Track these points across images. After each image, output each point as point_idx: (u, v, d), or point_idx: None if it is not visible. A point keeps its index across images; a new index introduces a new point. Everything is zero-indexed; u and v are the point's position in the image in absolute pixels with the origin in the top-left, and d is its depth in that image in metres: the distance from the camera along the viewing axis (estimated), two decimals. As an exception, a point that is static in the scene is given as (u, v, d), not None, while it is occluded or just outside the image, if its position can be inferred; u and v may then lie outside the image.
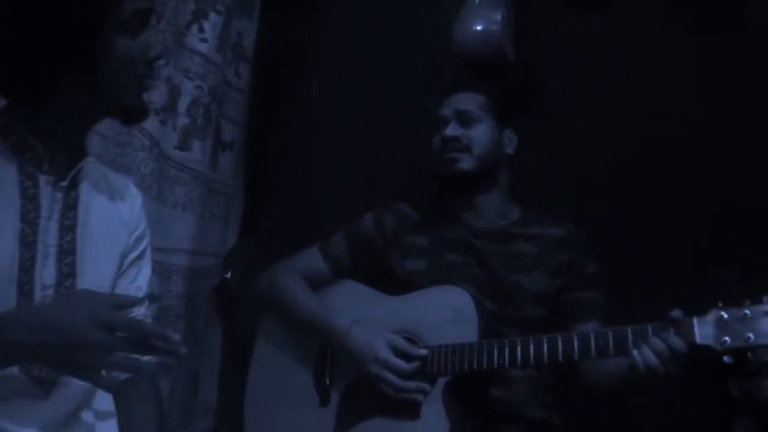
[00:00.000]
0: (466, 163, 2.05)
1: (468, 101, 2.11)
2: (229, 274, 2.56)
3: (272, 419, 2.06)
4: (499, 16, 2.35)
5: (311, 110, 2.76)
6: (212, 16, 2.29)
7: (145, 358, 1.23)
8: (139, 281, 1.50)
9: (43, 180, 1.31)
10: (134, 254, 1.50)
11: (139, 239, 1.51)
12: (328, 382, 2.01)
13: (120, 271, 1.46)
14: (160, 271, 2.13)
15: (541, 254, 2.01)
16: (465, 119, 2.09)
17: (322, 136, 2.73)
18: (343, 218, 2.22)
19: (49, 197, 1.32)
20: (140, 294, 1.50)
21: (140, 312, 1.50)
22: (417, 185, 2.30)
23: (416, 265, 2.07)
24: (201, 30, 2.26)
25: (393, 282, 2.07)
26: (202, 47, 2.26)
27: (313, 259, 2.16)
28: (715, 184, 2.28)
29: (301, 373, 2.05)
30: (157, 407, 1.49)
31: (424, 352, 1.86)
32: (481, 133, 2.08)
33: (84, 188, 1.39)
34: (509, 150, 2.14)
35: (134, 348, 1.13)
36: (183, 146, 2.24)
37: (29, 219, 1.28)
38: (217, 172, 2.47)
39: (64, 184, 1.34)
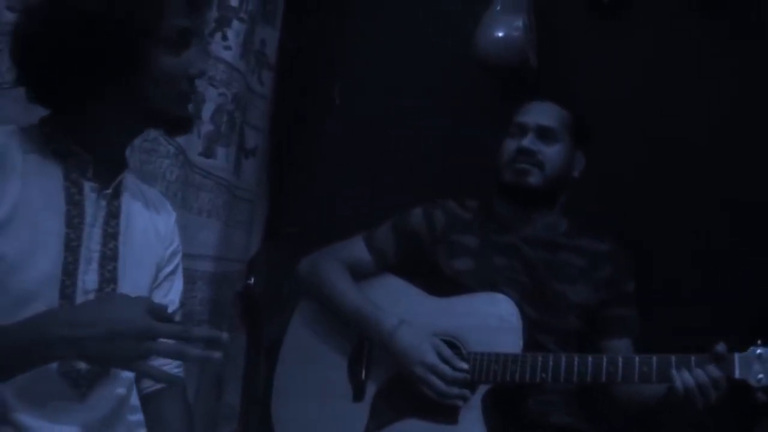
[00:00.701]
0: (534, 178, 2.02)
1: (552, 117, 2.07)
2: (252, 280, 2.57)
3: (301, 409, 2.04)
4: (520, 23, 2.35)
5: (334, 117, 2.77)
6: (235, 24, 2.30)
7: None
8: (171, 296, 1.52)
9: (88, 187, 1.34)
10: (169, 269, 1.52)
11: (174, 254, 1.54)
12: (363, 376, 2.00)
13: (155, 284, 1.49)
14: (185, 276, 2.12)
15: (587, 267, 2.02)
16: (545, 135, 2.05)
17: (344, 143, 2.73)
18: (366, 224, 2.23)
19: (93, 204, 1.34)
20: (173, 308, 1.52)
21: None
22: (441, 190, 2.29)
23: (463, 265, 2.06)
24: (224, 38, 2.28)
25: (433, 280, 2.06)
26: (226, 55, 2.28)
27: (357, 249, 2.13)
28: (740, 189, 2.26)
29: (336, 365, 2.04)
30: (186, 417, 1.52)
31: (465, 366, 1.85)
32: (557, 153, 2.04)
33: (126, 198, 1.42)
34: (576, 173, 2.11)
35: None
36: (207, 153, 2.26)
37: (74, 224, 1.31)
38: (241, 178, 2.49)
39: (108, 191, 1.37)
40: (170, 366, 1.50)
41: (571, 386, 1.97)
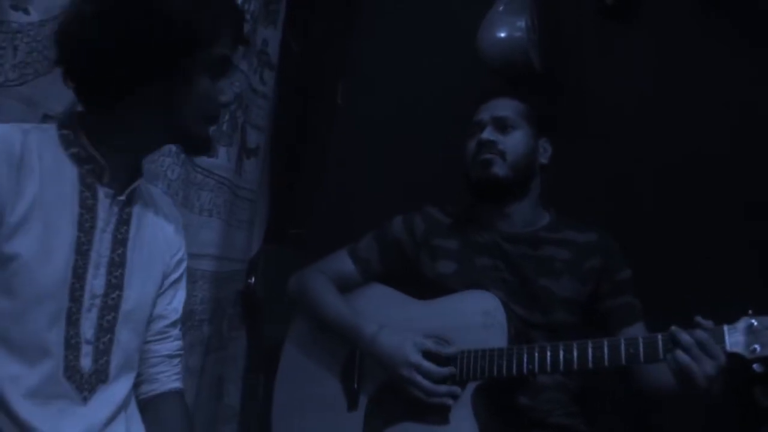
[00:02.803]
0: (499, 168, 2.03)
1: (506, 107, 2.11)
2: (253, 280, 2.57)
3: (300, 423, 2.07)
4: (522, 23, 2.35)
5: (336, 117, 2.78)
6: (238, 23, 2.30)
7: None
8: (175, 303, 1.54)
9: (102, 192, 1.35)
10: (174, 276, 1.53)
11: (180, 262, 1.55)
12: (356, 386, 2.01)
13: (160, 291, 1.50)
14: (187, 276, 2.14)
15: (572, 260, 2.01)
16: (502, 125, 2.08)
17: (347, 143, 2.74)
18: (369, 224, 2.23)
19: (106, 210, 1.36)
20: (176, 316, 1.54)
21: (174, 332, 1.54)
22: (443, 191, 2.29)
23: (446, 268, 2.06)
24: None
25: (421, 286, 2.07)
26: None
27: (342, 261, 2.16)
28: (745, 189, 2.26)
29: (329, 377, 2.06)
30: (185, 421, 1.52)
31: (453, 350, 1.86)
32: (516, 141, 2.06)
33: (137, 206, 1.44)
34: (543, 159, 2.13)
35: None
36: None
37: (86, 228, 1.32)
38: (243, 178, 2.49)
39: (122, 198, 1.38)
40: (169, 375, 1.52)
41: (568, 383, 1.97)
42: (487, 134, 2.06)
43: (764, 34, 2.32)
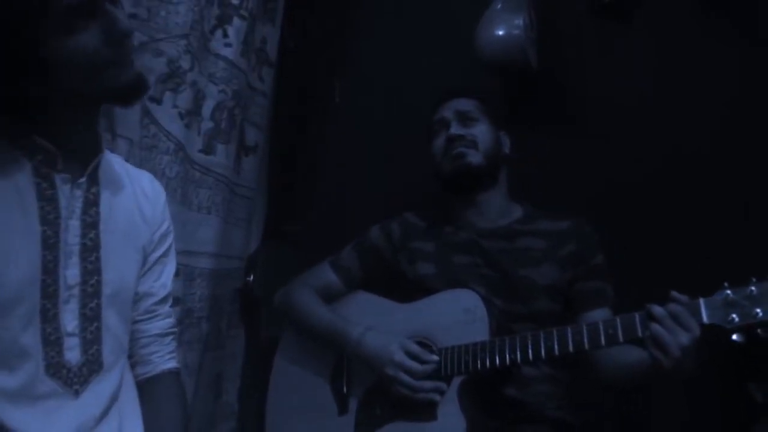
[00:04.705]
0: (474, 158, 2.08)
1: (465, 104, 2.17)
2: (251, 278, 2.58)
3: (293, 428, 2.10)
4: (520, 21, 2.35)
5: (334, 115, 2.78)
6: (236, 21, 2.30)
7: None
8: (164, 279, 1.51)
9: (59, 179, 1.30)
10: (159, 252, 1.50)
11: (164, 236, 1.52)
12: (345, 390, 2.04)
13: (144, 269, 1.47)
14: (185, 273, 2.15)
15: (549, 248, 2.03)
16: (466, 119, 2.14)
17: (344, 141, 2.74)
18: (366, 222, 2.25)
19: (67, 196, 1.31)
20: (165, 291, 1.51)
21: (164, 310, 1.51)
22: (440, 190, 2.29)
23: (426, 270, 2.10)
24: (225, 35, 2.28)
25: (405, 289, 2.10)
26: (227, 52, 2.28)
27: (324, 272, 2.21)
28: (742, 189, 2.27)
29: (319, 383, 2.09)
30: (182, 407, 1.51)
31: (435, 358, 1.88)
32: (483, 131, 2.13)
33: (104, 184, 1.38)
34: (506, 149, 2.19)
35: None
36: (207, 150, 2.26)
37: (49, 220, 1.28)
38: (241, 176, 2.49)
39: (82, 180, 1.33)
40: (162, 355, 1.50)
41: (557, 375, 1.98)
42: (455, 129, 2.12)
43: (759, 32, 2.32)
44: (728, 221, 2.27)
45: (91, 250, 1.33)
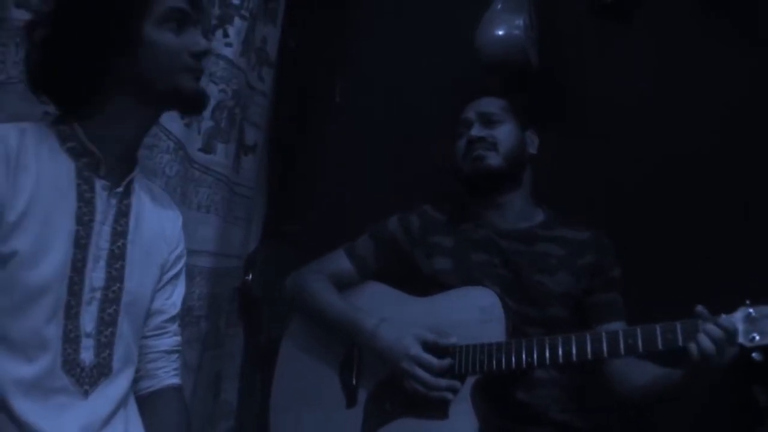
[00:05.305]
0: (493, 160, 2.07)
1: (489, 104, 2.15)
2: (250, 277, 2.58)
3: (298, 420, 2.07)
4: (521, 21, 2.35)
5: (334, 115, 2.78)
6: (237, 21, 2.30)
7: None
8: (174, 298, 1.55)
9: (99, 185, 1.36)
10: (173, 272, 1.54)
11: (179, 258, 1.56)
12: (354, 382, 2.01)
13: (159, 286, 1.50)
14: (184, 272, 2.15)
15: (566, 256, 2.02)
16: (488, 121, 2.12)
17: (345, 141, 2.74)
18: (366, 221, 2.24)
19: (104, 202, 1.37)
20: (175, 311, 1.55)
21: (173, 328, 1.55)
22: (442, 188, 2.30)
23: (442, 264, 2.08)
24: (226, 35, 2.28)
25: (418, 283, 2.08)
26: (227, 51, 2.28)
27: (339, 260, 2.17)
28: (743, 186, 2.28)
29: (328, 374, 2.06)
30: (185, 422, 1.53)
31: (454, 339, 1.87)
32: (505, 133, 2.11)
33: (136, 198, 1.45)
34: (532, 150, 2.17)
35: None
36: (207, 149, 2.26)
37: (84, 222, 1.33)
38: (240, 175, 2.49)
39: (119, 190, 1.39)
40: (168, 371, 1.52)
41: (565, 379, 1.98)
42: (476, 131, 2.10)
43: (759, 32, 2.33)
44: (728, 222, 2.27)
45: (117, 257, 1.38)
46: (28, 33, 1.34)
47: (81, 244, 1.32)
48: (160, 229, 1.51)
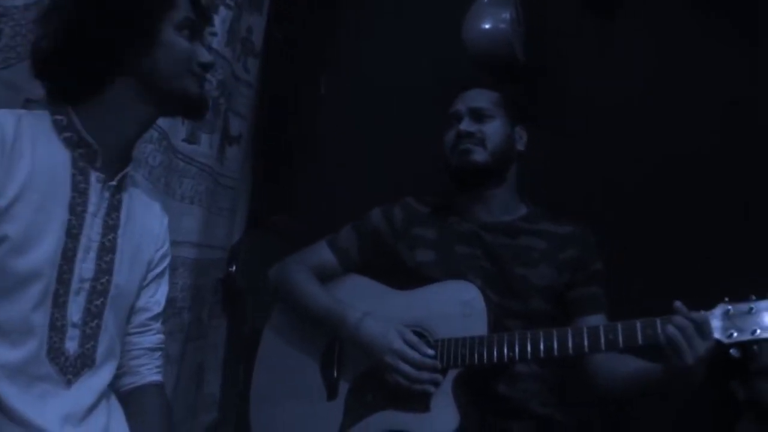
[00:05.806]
0: (479, 155, 2.07)
1: (481, 98, 2.14)
2: (233, 268, 2.57)
3: (279, 412, 2.07)
4: (507, 15, 2.36)
5: (319, 106, 2.77)
6: (222, 10, 2.29)
7: None
8: (158, 296, 1.55)
9: (94, 176, 1.37)
10: (158, 270, 1.55)
11: (164, 257, 1.57)
12: (335, 375, 2.02)
13: (144, 282, 1.51)
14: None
15: (548, 250, 2.03)
16: (478, 115, 2.11)
17: (329, 132, 2.74)
18: (351, 212, 2.24)
19: (98, 194, 1.38)
20: (158, 309, 1.55)
21: (156, 326, 1.55)
22: (426, 180, 2.30)
23: (425, 257, 2.09)
24: (211, 24, 2.26)
25: (400, 276, 2.08)
26: (212, 41, 2.26)
27: (321, 252, 2.17)
28: (741, 185, 2.29)
29: (309, 366, 2.06)
30: (167, 418, 1.53)
31: (431, 352, 1.87)
32: (494, 129, 2.10)
33: (127, 193, 1.46)
34: (520, 146, 2.16)
35: None
36: (191, 139, 2.25)
37: (77, 212, 1.34)
38: (224, 165, 2.48)
39: (113, 183, 1.40)
40: (150, 368, 1.53)
41: (546, 373, 1.99)
42: (465, 125, 2.10)
43: (763, 33, 2.33)
44: (726, 222, 2.28)
45: (108, 250, 1.39)
46: (45, 19, 1.35)
47: (72, 234, 1.33)
48: (148, 226, 1.52)
